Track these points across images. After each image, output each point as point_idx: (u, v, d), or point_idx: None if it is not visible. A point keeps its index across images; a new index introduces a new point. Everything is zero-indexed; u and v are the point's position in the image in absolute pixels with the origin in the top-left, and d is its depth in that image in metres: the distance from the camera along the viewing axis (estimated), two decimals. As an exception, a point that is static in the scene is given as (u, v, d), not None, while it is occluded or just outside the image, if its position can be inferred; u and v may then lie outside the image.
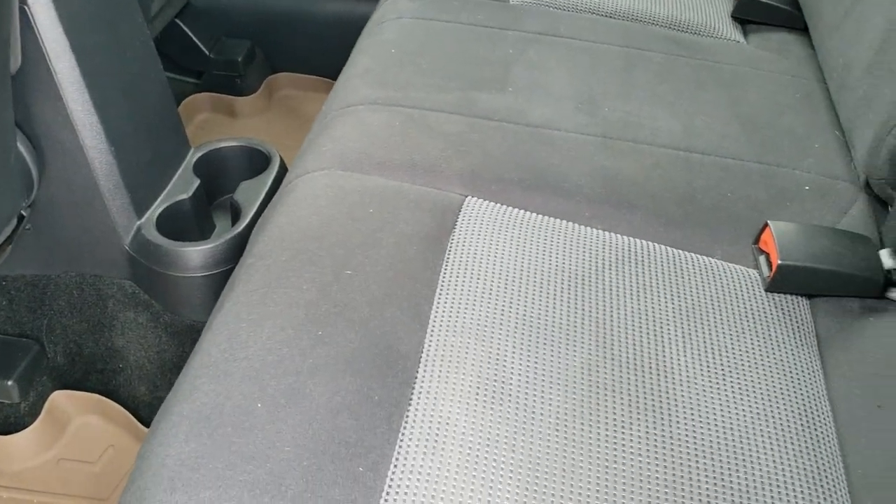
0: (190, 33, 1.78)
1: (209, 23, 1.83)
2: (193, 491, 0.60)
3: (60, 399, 1.20)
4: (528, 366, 0.71)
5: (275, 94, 1.90)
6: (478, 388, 0.69)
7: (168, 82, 1.18)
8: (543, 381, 0.70)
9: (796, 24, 1.31)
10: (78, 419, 1.21)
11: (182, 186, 1.15)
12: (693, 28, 1.27)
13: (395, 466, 0.63)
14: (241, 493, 0.59)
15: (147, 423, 1.21)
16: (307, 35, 1.86)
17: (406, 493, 0.61)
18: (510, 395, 0.69)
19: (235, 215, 1.15)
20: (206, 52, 1.80)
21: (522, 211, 0.88)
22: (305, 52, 1.89)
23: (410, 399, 0.68)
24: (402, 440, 0.64)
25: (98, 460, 1.19)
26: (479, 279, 0.78)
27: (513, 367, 0.71)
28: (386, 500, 0.60)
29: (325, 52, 1.86)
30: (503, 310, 0.76)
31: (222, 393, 0.67)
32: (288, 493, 0.60)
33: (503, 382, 0.69)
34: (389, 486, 0.61)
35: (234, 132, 1.80)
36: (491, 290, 0.77)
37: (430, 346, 0.72)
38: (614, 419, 0.68)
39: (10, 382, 1.14)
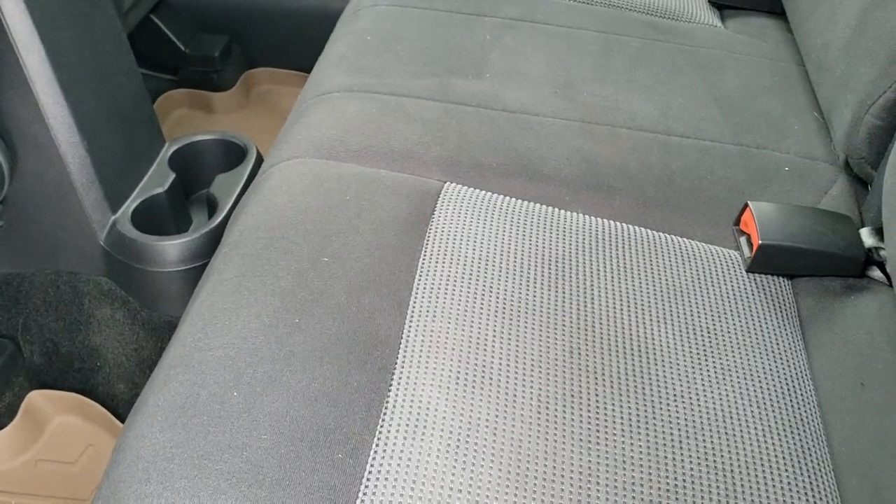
0: (165, 29, 1.77)
1: (185, 18, 1.81)
2: (168, 481, 0.59)
3: (38, 399, 1.19)
4: (508, 349, 0.70)
5: (252, 89, 1.89)
6: (458, 372, 0.68)
7: (142, 76, 1.16)
8: (524, 364, 0.69)
9: (774, 8, 1.31)
10: (56, 419, 1.20)
11: (157, 180, 1.13)
12: (670, 13, 1.27)
13: (376, 452, 0.62)
14: (218, 482, 0.58)
15: (126, 422, 1.19)
16: (284, 29, 1.85)
17: (387, 478, 0.60)
18: (491, 378, 0.68)
19: (212, 209, 1.14)
20: (182, 48, 1.78)
21: (501, 196, 0.87)
22: (283, 47, 1.88)
23: (390, 385, 0.67)
24: (381, 425, 0.63)
25: (77, 460, 1.17)
26: (458, 264, 0.77)
27: (493, 351, 0.70)
28: (367, 485, 0.59)
29: (302, 45, 1.84)
30: (483, 294, 0.75)
31: (197, 382, 0.65)
32: (266, 481, 0.59)
33: (484, 366, 0.68)
34: (370, 472, 0.60)
35: (212, 128, 1.79)
36: (470, 274, 0.76)
37: (409, 331, 0.71)
38: (596, 401, 0.67)
39: (-15, 383, 1.13)
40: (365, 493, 0.59)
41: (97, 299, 1.13)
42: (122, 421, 1.19)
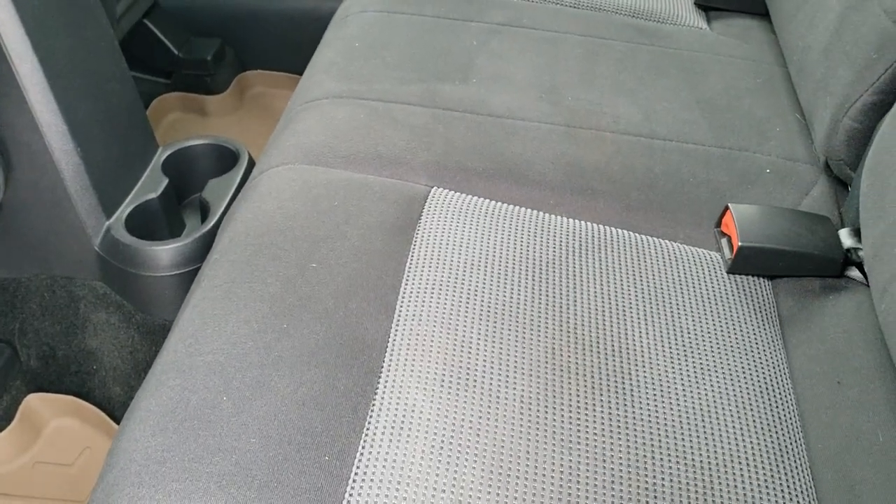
0: (158, 33, 1.78)
1: (177, 22, 1.82)
2: (160, 484, 0.60)
3: (35, 402, 1.20)
4: (492, 352, 0.72)
5: (246, 91, 1.90)
6: (443, 375, 0.69)
7: (134, 82, 1.18)
8: (508, 366, 0.71)
9: (758, 9, 1.33)
10: (53, 422, 1.21)
11: (151, 186, 1.15)
12: (656, 16, 1.28)
13: (362, 454, 0.63)
14: (208, 485, 0.60)
15: (123, 424, 1.21)
16: (277, 32, 1.87)
17: (373, 480, 0.62)
18: (475, 381, 0.69)
19: (205, 213, 1.15)
20: (175, 52, 1.80)
21: (487, 200, 0.89)
22: (275, 49, 1.89)
23: (376, 388, 0.68)
24: (367, 428, 0.65)
25: (74, 462, 1.19)
26: (444, 268, 0.79)
27: (478, 354, 0.72)
28: (353, 487, 0.61)
29: (295, 48, 1.86)
30: (469, 297, 0.76)
31: (188, 387, 0.67)
32: (254, 483, 0.60)
33: (468, 369, 0.70)
34: (356, 474, 0.62)
35: (206, 131, 1.80)
36: (456, 278, 0.78)
37: (395, 335, 0.73)
38: (577, 401, 0.69)
39: (-17, 387, 1.14)
40: (351, 495, 0.61)
41: (92, 303, 1.15)
42: (119, 423, 1.21)
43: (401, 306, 0.75)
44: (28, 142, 1.01)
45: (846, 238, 0.86)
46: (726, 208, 0.88)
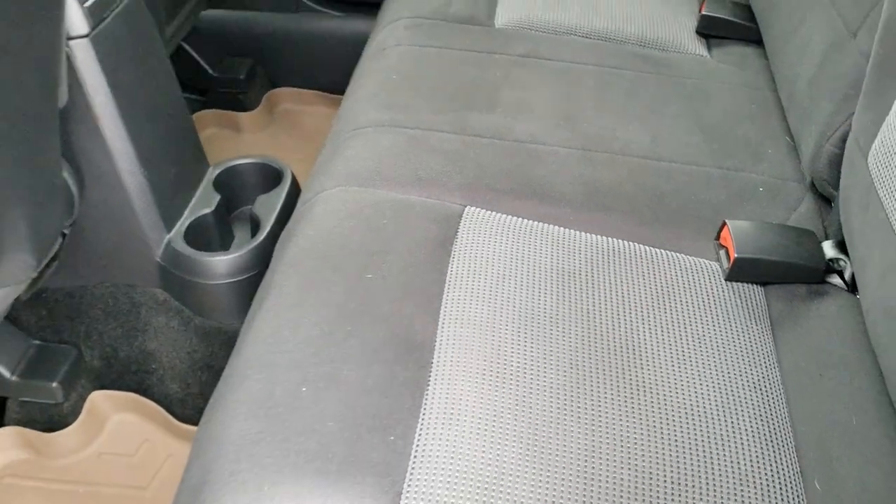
0: (195, 54, 1.90)
1: (212, 44, 1.94)
2: (256, 459, 0.73)
3: (99, 398, 1.31)
4: (525, 350, 0.84)
5: (275, 108, 2.02)
6: (484, 369, 0.82)
7: (187, 107, 1.30)
8: (539, 362, 0.83)
9: (754, 36, 1.44)
10: (115, 416, 1.32)
11: (205, 201, 1.26)
12: (661, 45, 1.40)
13: (420, 435, 0.76)
14: (298, 460, 0.72)
15: (179, 418, 1.32)
16: (303, 51, 1.98)
17: (430, 456, 0.74)
18: (512, 375, 0.82)
19: (254, 226, 1.27)
20: (210, 72, 1.92)
21: (515, 217, 1.01)
22: (302, 68, 2.01)
23: (429, 380, 0.81)
24: (423, 414, 0.77)
25: (136, 453, 1.29)
26: (481, 278, 0.91)
27: (513, 352, 0.84)
28: (414, 461, 0.73)
29: (320, 66, 1.99)
30: (503, 304, 0.89)
31: (271, 380, 0.79)
32: (335, 459, 0.72)
33: (505, 365, 0.82)
34: (416, 451, 0.74)
35: (239, 145, 1.92)
36: (492, 287, 0.90)
37: (442, 335, 0.85)
38: (597, 393, 0.81)
39: (54, 384, 1.25)
40: (414, 467, 0.73)
41: (153, 309, 1.26)
42: (176, 417, 1.32)
43: (444, 311, 0.88)
44: (99, 164, 1.12)
45: (829, 249, 0.97)
46: (724, 223, 0.99)
